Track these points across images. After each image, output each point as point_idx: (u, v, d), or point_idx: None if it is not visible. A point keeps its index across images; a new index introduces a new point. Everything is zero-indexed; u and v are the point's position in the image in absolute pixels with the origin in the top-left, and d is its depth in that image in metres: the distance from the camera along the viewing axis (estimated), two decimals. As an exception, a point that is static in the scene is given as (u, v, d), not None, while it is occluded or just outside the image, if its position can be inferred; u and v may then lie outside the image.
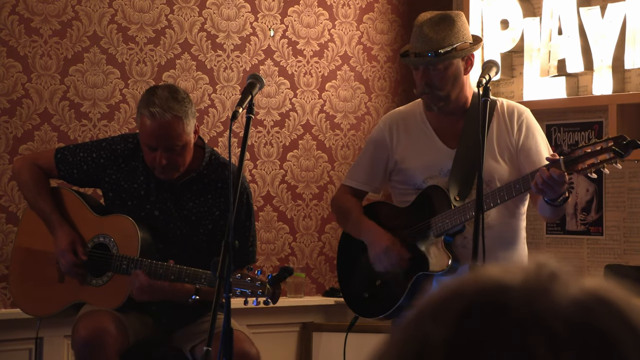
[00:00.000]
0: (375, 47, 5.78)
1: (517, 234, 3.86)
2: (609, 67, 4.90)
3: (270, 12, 5.50)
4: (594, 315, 0.81)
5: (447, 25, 3.71)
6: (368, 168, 3.98)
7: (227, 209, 3.92)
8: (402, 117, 3.95)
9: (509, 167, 3.78)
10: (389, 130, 3.94)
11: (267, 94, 5.49)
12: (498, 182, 3.73)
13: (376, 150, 3.96)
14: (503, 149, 3.79)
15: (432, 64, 3.69)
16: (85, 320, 3.81)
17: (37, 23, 4.91)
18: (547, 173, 3.42)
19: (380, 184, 4.04)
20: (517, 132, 3.80)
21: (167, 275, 3.79)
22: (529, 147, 3.78)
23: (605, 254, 5.12)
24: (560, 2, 5.09)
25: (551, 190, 3.46)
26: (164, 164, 3.83)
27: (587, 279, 0.85)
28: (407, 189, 3.88)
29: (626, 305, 0.82)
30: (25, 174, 4.05)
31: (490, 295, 0.82)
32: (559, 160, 3.43)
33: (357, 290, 4.00)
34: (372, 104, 5.78)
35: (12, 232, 4.74)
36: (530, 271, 0.84)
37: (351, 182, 4.03)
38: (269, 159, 5.52)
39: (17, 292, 4.17)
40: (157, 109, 3.79)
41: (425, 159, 3.83)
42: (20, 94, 4.88)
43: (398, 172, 3.91)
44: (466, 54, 3.74)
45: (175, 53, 5.23)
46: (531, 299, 0.82)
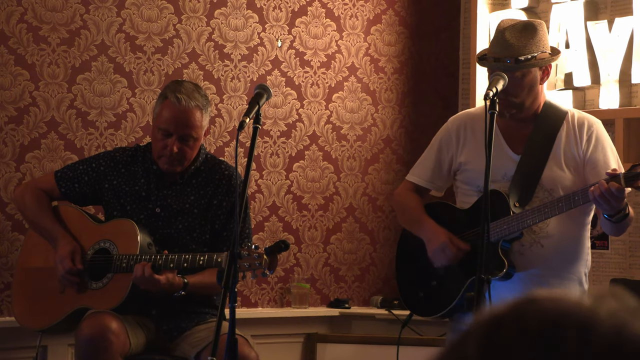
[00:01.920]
0: (382, 58, 5.78)
1: (579, 244, 3.83)
2: (615, 81, 4.90)
3: (278, 23, 5.51)
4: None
5: (529, 34, 3.70)
6: (432, 166, 3.99)
7: (224, 199, 4.09)
8: (472, 119, 3.95)
9: (574, 177, 3.76)
10: (457, 131, 3.94)
11: (274, 105, 5.49)
12: (561, 190, 3.72)
13: (441, 150, 3.97)
14: (569, 158, 3.77)
15: (511, 71, 3.68)
16: (88, 320, 3.86)
17: (45, 31, 4.92)
18: (605, 186, 3.41)
19: (444, 183, 4.04)
20: (586, 143, 3.77)
21: (166, 264, 3.86)
22: (596, 159, 3.75)
23: (610, 268, 5.11)
24: (567, 16, 5.10)
25: (607, 204, 3.45)
26: (175, 151, 3.96)
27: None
28: (470, 190, 3.88)
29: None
30: (27, 197, 4.15)
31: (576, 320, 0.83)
32: (619, 175, 3.43)
33: (413, 289, 4.01)
34: (378, 115, 5.78)
35: (17, 240, 4.75)
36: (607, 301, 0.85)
37: (414, 178, 4.04)
38: (275, 169, 5.52)
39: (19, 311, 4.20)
40: (184, 95, 3.98)
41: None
42: (28, 102, 4.88)
43: (462, 172, 3.92)
44: (545, 64, 3.73)
45: (182, 63, 5.24)
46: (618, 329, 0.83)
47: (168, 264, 3.87)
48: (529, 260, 3.69)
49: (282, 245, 3.55)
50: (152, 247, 3.98)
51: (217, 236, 4.06)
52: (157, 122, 4.03)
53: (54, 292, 4.05)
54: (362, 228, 5.72)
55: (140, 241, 3.94)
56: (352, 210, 5.69)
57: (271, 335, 5.30)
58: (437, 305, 3.92)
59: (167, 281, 3.84)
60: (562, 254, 3.74)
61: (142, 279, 3.83)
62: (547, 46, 3.75)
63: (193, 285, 3.91)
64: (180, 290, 3.88)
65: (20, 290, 4.19)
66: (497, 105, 3.77)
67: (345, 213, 5.68)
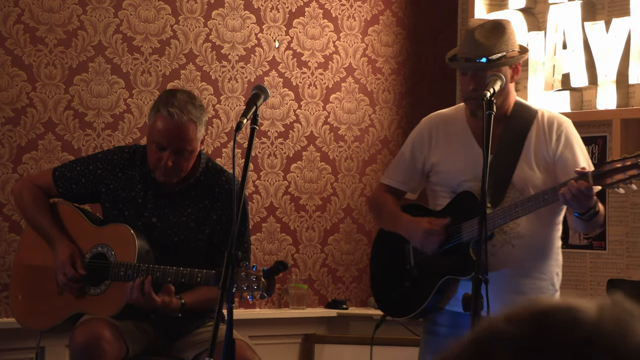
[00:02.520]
0: (380, 59, 5.79)
1: (550, 243, 3.85)
2: (613, 82, 4.90)
3: (276, 24, 5.51)
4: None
5: (498, 33, 3.72)
6: (406, 168, 4.00)
7: (223, 214, 3.99)
8: (444, 119, 3.96)
9: (544, 176, 3.77)
10: (429, 132, 3.95)
11: (272, 105, 5.49)
12: (532, 190, 3.73)
13: (414, 151, 3.98)
14: (540, 158, 3.79)
15: (482, 70, 3.70)
16: (82, 327, 3.82)
17: (42, 32, 4.91)
18: (575, 185, 3.43)
19: (417, 185, 4.05)
20: (556, 143, 3.79)
21: (164, 277, 3.81)
22: (566, 158, 3.77)
23: (607, 268, 5.11)
24: (565, 17, 5.10)
25: (578, 203, 3.47)
26: (169, 165, 3.87)
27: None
28: (442, 190, 3.89)
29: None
30: (25, 195, 4.09)
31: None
32: (588, 173, 3.45)
33: (387, 290, 4.03)
34: (376, 116, 5.78)
35: (14, 241, 4.75)
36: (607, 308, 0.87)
37: (389, 180, 4.05)
38: (272, 170, 5.52)
39: (17, 309, 4.18)
40: (176, 109, 3.85)
41: (462, 163, 3.83)
42: (25, 103, 4.88)
43: (435, 173, 3.93)
44: (515, 62, 3.76)
45: (180, 63, 5.24)
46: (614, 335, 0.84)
47: (165, 278, 3.82)
48: (500, 261, 3.70)
49: (280, 268, 3.53)
50: (150, 254, 3.93)
51: (214, 251, 3.96)
52: (151, 136, 3.93)
53: (52, 293, 4.03)
54: (359, 229, 5.72)
55: (138, 249, 3.90)
56: (350, 211, 5.69)
57: (269, 336, 5.30)
58: (410, 306, 3.92)
59: (163, 303, 3.79)
60: (533, 254, 3.75)
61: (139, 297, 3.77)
62: (515, 44, 3.77)
63: (190, 305, 3.87)
64: (178, 313, 3.84)
65: (18, 288, 4.17)
66: (467, 104, 3.81)
67: (342, 214, 5.68)
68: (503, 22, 3.80)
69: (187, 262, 3.90)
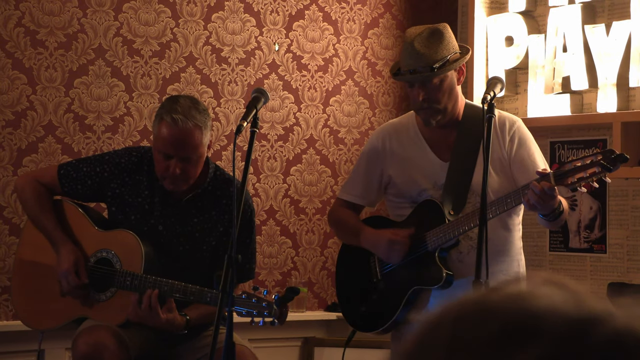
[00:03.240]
0: (379, 62, 5.79)
1: (511, 245, 3.85)
2: (613, 85, 4.90)
3: (275, 27, 5.51)
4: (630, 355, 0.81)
5: (437, 39, 3.72)
6: (362, 181, 3.98)
7: (230, 226, 3.91)
8: (395, 129, 3.96)
9: (501, 179, 3.78)
10: (382, 144, 3.94)
11: (271, 108, 5.49)
12: (492, 194, 3.72)
13: (370, 164, 3.97)
14: (495, 160, 3.78)
15: (428, 79, 3.70)
16: (84, 336, 3.78)
17: (42, 35, 4.91)
18: (538, 187, 3.43)
19: (376, 197, 4.04)
20: (509, 143, 3.80)
21: (171, 292, 3.77)
22: (521, 157, 3.78)
23: (608, 272, 5.11)
24: (565, 20, 5.10)
25: (542, 205, 3.47)
26: (177, 173, 3.79)
27: (620, 314, 0.84)
28: (402, 202, 3.88)
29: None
30: (28, 191, 4.01)
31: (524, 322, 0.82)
32: (549, 174, 3.46)
33: (354, 305, 4.00)
34: (376, 119, 5.78)
35: (14, 243, 4.74)
36: (565, 300, 0.84)
37: (346, 195, 4.04)
38: (272, 173, 5.52)
39: (19, 305, 4.14)
40: (180, 115, 3.76)
41: (419, 173, 3.83)
42: (25, 106, 4.88)
43: (392, 185, 3.91)
44: (458, 65, 3.76)
45: (180, 66, 5.24)
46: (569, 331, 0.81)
47: (173, 293, 3.77)
48: (467, 267, 3.69)
49: (292, 295, 3.51)
50: (157, 262, 3.86)
51: (219, 262, 3.81)
52: (156, 145, 3.85)
53: (55, 293, 3.99)
54: (359, 232, 5.72)
55: (144, 259, 3.84)
56: (350, 214, 5.69)
57: (268, 339, 5.30)
58: (379, 320, 3.90)
59: (167, 321, 3.75)
60: (497, 257, 3.72)
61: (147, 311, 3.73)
62: (456, 47, 3.77)
63: (195, 320, 3.84)
64: (183, 330, 3.81)
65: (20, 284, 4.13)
66: (419, 114, 3.80)
67: (342, 217, 5.68)
68: (439, 27, 3.78)
69: (191, 271, 3.87)
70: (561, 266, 5.29)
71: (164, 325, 3.76)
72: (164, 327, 3.78)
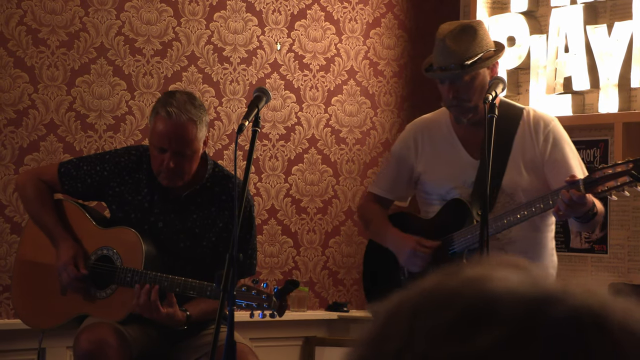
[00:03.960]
0: (381, 62, 5.79)
1: (542, 247, 3.80)
2: (615, 86, 4.90)
3: (277, 26, 5.51)
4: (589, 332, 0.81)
5: (469, 36, 3.68)
6: (392, 176, 3.96)
7: (229, 222, 3.93)
8: (428, 126, 3.92)
9: (534, 179, 3.73)
10: (414, 140, 3.91)
11: (273, 108, 5.50)
12: (522, 193, 3.69)
13: (401, 159, 3.94)
14: (528, 160, 3.74)
15: (459, 77, 3.65)
16: (86, 333, 3.79)
17: (44, 34, 4.92)
18: (567, 195, 3.38)
19: (406, 192, 4.01)
20: (543, 143, 3.75)
21: (171, 287, 3.78)
22: (555, 158, 3.72)
23: (609, 272, 5.11)
24: (567, 20, 5.10)
25: (572, 213, 3.43)
26: (171, 167, 3.80)
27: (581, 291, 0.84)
28: (432, 198, 3.85)
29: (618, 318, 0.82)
30: (28, 189, 4.02)
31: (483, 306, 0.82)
32: (579, 181, 3.41)
33: (380, 300, 4.00)
34: (377, 119, 5.78)
35: (16, 242, 4.74)
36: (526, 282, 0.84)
37: (376, 189, 4.02)
38: (274, 173, 5.52)
39: (19, 305, 4.15)
40: (174, 109, 3.78)
41: (449, 170, 3.79)
42: (27, 105, 4.88)
43: (422, 182, 3.88)
44: (490, 63, 3.71)
45: (181, 65, 5.24)
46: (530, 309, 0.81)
47: (173, 288, 3.79)
48: None
49: (291, 288, 3.51)
50: (157, 258, 3.88)
51: (219, 258, 3.79)
52: (151, 139, 3.87)
53: (56, 292, 4.00)
54: (360, 231, 5.72)
55: (145, 255, 3.86)
56: (351, 213, 5.69)
57: (269, 338, 5.30)
58: None
59: (167, 315, 3.76)
60: (527, 259, 3.69)
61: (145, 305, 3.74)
62: (490, 44, 3.73)
63: (195, 317, 3.85)
64: (183, 325, 3.81)
65: (20, 284, 4.13)
66: (451, 111, 3.77)
67: (344, 216, 5.68)
68: (473, 24, 3.75)
69: (192, 267, 3.88)
70: (562, 266, 5.29)
71: (165, 320, 3.77)
72: (164, 322, 3.78)
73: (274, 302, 3.46)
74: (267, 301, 3.45)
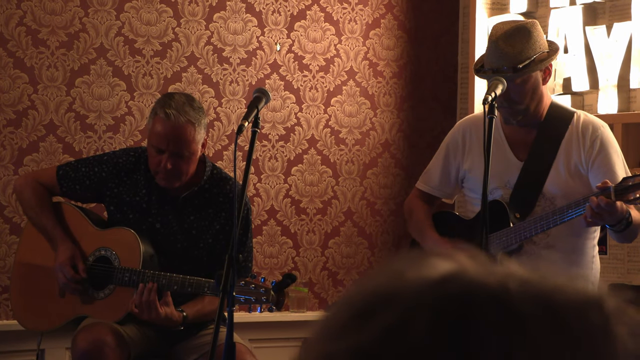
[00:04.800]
0: (381, 62, 5.79)
1: (582, 254, 3.73)
2: (614, 86, 4.90)
3: (277, 27, 5.51)
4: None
5: (522, 38, 3.60)
6: (440, 173, 3.93)
7: (226, 223, 3.95)
8: (476, 124, 3.84)
9: (578, 185, 3.67)
10: (462, 137, 3.88)
11: (273, 108, 5.50)
12: (564, 199, 3.62)
13: (448, 156, 3.91)
14: (573, 165, 3.69)
15: (511, 79, 3.58)
16: (84, 333, 3.80)
17: (44, 34, 4.92)
18: (595, 201, 3.32)
19: (452, 191, 3.99)
20: (590, 149, 3.68)
21: (170, 285, 3.79)
22: (600, 164, 3.65)
23: (608, 273, 5.11)
24: (566, 21, 5.10)
25: (601, 220, 3.38)
26: (168, 168, 3.81)
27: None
28: (476, 198, 3.77)
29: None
30: (27, 192, 4.03)
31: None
32: (610, 188, 3.35)
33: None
34: (377, 119, 5.78)
35: (15, 242, 4.74)
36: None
37: (423, 185, 3.99)
38: (273, 173, 5.52)
39: (17, 307, 4.15)
40: (173, 110, 3.80)
41: (495, 170, 3.68)
42: (26, 105, 4.88)
43: (467, 179, 3.86)
44: (544, 66, 3.65)
45: (181, 66, 5.24)
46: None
47: (172, 286, 3.80)
48: None
49: (288, 281, 3.52)
50: (155, 258, 3.90)
51: (216, 260, 3.90)
52: (150, 139, 3.89)
53: (54, 294, 4.01)
54: (360, 232, 5.72)
55: (143, 255, 3.87)
56: (351, 214, 5.69)
57: (269, 339, 5.30)
58: None
59: (165, 315, 3.77)
60: (566, 266, 3.62)
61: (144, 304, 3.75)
62: (544, 45, 3.66)
63: (192, 317, 3.86)
64: (180, 326, 3.83)
65: (19, 287, 4.14)
66: (500, 111, 3.65)
67: (343, 217, 5.68)
68: (527, 25, 3.67)
69: (189, 268, 3.89)
70: (562, 267, 5.29)
71: (162, 320, 3.77)
72: (162, 322, 3.79)
73: (272, 296, 3.46)
74: (265, 295, 3.45)
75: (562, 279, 0.84)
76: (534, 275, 0.84)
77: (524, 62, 3.59)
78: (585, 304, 0.83)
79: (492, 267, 0.84)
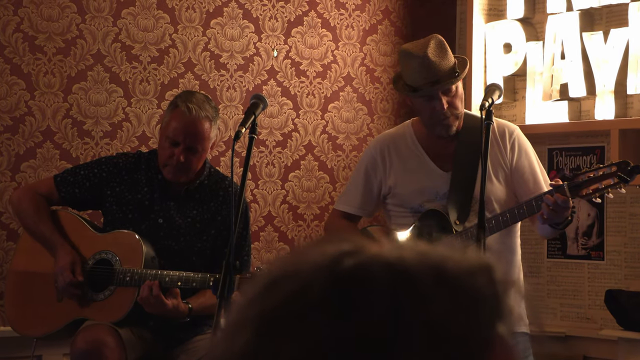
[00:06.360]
0: (378, 68, 5.79)
1: (514, 252, 3.87)
2: (611, 92, 4.91)
3: (274, 33, 5.51)
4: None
5: (444, 48, 3.74)
6: (361, 193, 3.97)
7: (228, 215, 4.00)
8: (393, 140, 3.95)
9: (504, 187, 3.80)
10: (381, 154, 3.93)
11: (270, 114, 5.50)
12: (495, 202, 3.74)
13: (368, 175, 3.96)
14: (497, 169, 3.80)
15: (449, 86, 3.71)
16: (83, 333, 3.81)
17: (41, 41, 4.92)
18: (552, 199, 3.44)
19: (374, 208, 4.04)
20: (510, 152, 3.81)
21: (172, 283, 3.80)
22: (522, 165, 3.80)
23: (606, 278, 5.11)
24: (563, 27, 5.11)
25: (556, 216, 3.49)
26: (181, 160, 3.89)
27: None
28: (404, 211, 3.87)
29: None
30: (25, 202, 4.05)
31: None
32: (563, 185, 3.46)
33: None
34: (374, 125, 5.79)
35: (12, 249, 4.74)
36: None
37: (344, 206, 4.03)
38: (270, 179, 5.52)
39: (12, 314, 4.14)
40: (195, 105, 3.91)
41: (420, 183, 3.82)
42: (23, 112, 4.88)
43: (393, 196, 3.90)
44: (467, 69, 3.79)
45: (178, 72, 5.24)
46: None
47: (175, 282, 3.82)
48: None
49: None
50: (156, 260, 3.92)
51: (217, 252, 3.96)
52: (166, 131, 3.95)
53: (51, 299, 4.01)
54: (357, 238, 5.72)
55: (145, 255, 3.89)
56: (348, 220, 5.69)
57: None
58: None
59: (173, 307, 3.80)
60: (502, 264, 3.69)
61: (149, 299, 3.77)
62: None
63: (197, 309, 3.89)
64: (186, 317, 3.85)
65: (13, 295, 4.14)
66: (447, 123, 3.76)
67: (340, 223, 5.68)
68: (438, 37, 3.78)
69: (192, 262, 3.93)
70: (559, 273, 5.29)
71: (170, 312, 3.80)
72: (169, 314, 3.81)
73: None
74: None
75: (460, 252, 0.92)
76: (433, 249, 0.92)
77: (455, 68, 3.72)
78: (475, 268, 0.91)
79: (399, 246, 0.91)
